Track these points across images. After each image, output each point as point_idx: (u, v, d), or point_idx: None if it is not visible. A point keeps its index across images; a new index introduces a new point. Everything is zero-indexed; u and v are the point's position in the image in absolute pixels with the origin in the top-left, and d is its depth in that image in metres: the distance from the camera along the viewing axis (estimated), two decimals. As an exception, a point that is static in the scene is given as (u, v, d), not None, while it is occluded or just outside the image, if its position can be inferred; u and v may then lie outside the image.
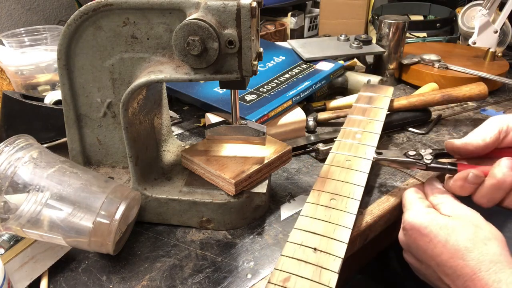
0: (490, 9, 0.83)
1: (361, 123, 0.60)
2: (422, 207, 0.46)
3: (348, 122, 0.60)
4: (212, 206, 0.48)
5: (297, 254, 0.40)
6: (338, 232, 0.42)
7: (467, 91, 0.70)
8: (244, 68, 0.42)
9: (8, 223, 0.41)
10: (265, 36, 1.05)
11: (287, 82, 0.73)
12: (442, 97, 0.70)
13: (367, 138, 0.56)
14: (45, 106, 0.62)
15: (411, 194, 0.49)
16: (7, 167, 0.42)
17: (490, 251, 0.39)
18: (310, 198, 0.47)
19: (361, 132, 0.57)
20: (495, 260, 0.39)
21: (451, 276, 0.41)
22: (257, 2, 0.40)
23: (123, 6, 0.44)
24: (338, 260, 0.39)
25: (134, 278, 0.44)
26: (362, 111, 0.63)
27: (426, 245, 0.43)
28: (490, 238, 0.41)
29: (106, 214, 0.42)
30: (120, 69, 0.48)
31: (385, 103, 0.65)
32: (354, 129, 0.58)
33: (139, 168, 0.49)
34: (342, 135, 0.57)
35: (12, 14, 1.40)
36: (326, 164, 0.52)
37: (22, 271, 0.43)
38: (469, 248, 0.40)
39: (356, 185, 0.48)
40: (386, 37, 0.85)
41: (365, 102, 0.65)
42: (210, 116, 0.68)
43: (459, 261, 0.40)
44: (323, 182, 0.49)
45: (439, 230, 0.42)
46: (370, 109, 0.63)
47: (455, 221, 0.42)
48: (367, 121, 0.60)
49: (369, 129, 0.58)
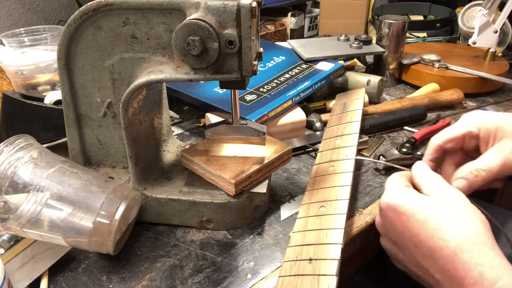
0: (490, 9, 0.83)
1: (339, 130, 0.61)
2: (400, 187, 0.43)
3: (327, 133, 0.61)
4: (212, 206, 0.48)
5: (294, 270, 0.39)
6: (331, 235, 0.42)
7: (448, 96, 0.78)
8: (244, 68, 0.42)
9: (8, 223, 0.41)
10: (265, 36, 1.05)
11: (287, 82, 0.73)
12: (429, 100, 0.77)
13: (347, 140, 0.57)
14: (45, 106, 0.62)
15: (393, 178, 0.47)
16: (7, 167, 0.42)
17: (472, 231, 0.37)
18: (300, 213, 0.47)
19: (340, 138, 0.58)
20: (477, 241, 0.36)
21: (428, 259, 0.38)
22: (257, 2, 0.40)
23: (123, 6, 0.44)
24: (334, 263, 0.38)
25: (134, 278, 0.44)
26: (338, 119, 0.64)
27: (403, 225, 0.40)
28: (473, 219, 0.38)
29: (106, 214, 0.42)
30: (120, 69, 0.48)
31: (359, 104, 0.66)
32: (333, 138, 0.59)
33: (139, 168, 0.49)
34: (323, 147, 0.58)
35: (12, 14, 1.40)
36: (311, 178, 0.53)
37: (22, 271, 0.43)
38: (450, 228, 0.37)
39: (343, 186, 0.48)
40: (386, 37, 0.85)
41: (340, 110, 0.67)
42: (210, 116, 0.68)
43: (438, 242, 0.37)
44: (310, 195, 0.49)
45: (417, 209, 0.39)
46: (345, 114, 0.64)
47: (436, 201, 0.40)
48: (345, 126, 0.61)
49: (347, 132, 0.59)
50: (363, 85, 0.79)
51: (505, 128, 0.47)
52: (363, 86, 0.79)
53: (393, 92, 0.87)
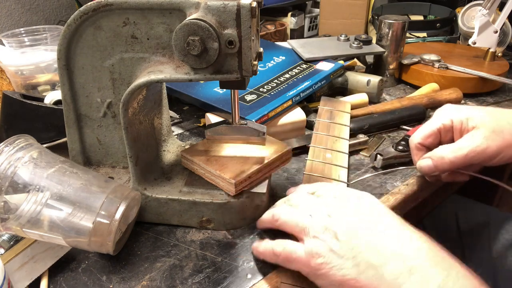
0: (490, 9, 0.83)
1: (328, 141, 0.61)
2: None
3: (315, 140, 0.61)
4: (212, 206, 0.48)
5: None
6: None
7: (447, 95, 0.78)
8: (244, 68, 0.42)
9: (8, 223, 0.41)
10: (265, 36, 1.05)
11: (287, 82, 0.73)
12: (428, 100, 0.77)
13: (338, 158, 0.57)
14: (45, 106, 0.62)
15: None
16: (7, 167, 0.42)
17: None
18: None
19: (330, 152, 0.58)
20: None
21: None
22: (257, 2, 0.40)
23: (123, 6, 0.44)
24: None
25: (134, 278, 0.44)
26: (326, 127, 0.64)
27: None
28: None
29: (106, 214, 0.42)
30: (120, 69, 0.48)
31: (346, 119, 0.67)
32: (323, 148, 0.59)
33: (139, 168, 0.49)
34: (312, 155, 0.58)
35: (12, 14, 1.40)
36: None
37: (22, 271, 0.43)
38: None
39: None
40: (386, 37, 0.85)
41: (327, 117, 0.67)
42: (210, 116, 0.68)
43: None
44: None
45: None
46: (333, 126, 0.64)
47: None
48: (334, 139, 0.61)
49: (337, 148, 0.59)
50: (363, 85, 0.79)
51: (476, 118, 0.50)
52: (363, 86, 0.79)
53: (393, 92, 0.87)
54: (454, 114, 0.52)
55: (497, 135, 0.47)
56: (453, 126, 0.51)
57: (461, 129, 0.51)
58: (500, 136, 0.47)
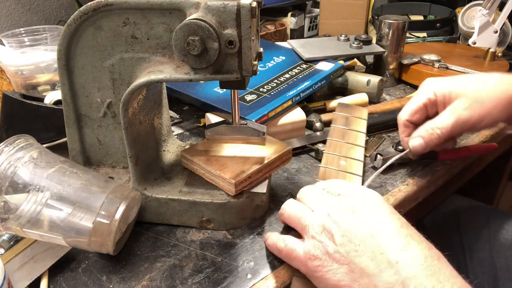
0: (490, 9, 0.83)
1: (343, 148, 0.59)
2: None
3: (330, 146, 0.59)
4: (212, 206, 0.48)
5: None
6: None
7: None
8: (244, 68, 0.42)
9: (8, 223, 0.41)
10: (265, 36, 1.05)
11: (287, 82, 0.73)
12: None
13: (352, 165, 0.56)
14: (45, 106, 0.62)
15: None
16: (7, 167, 0.42)
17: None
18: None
19: (344, 159, 0.57)
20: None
21: None
22: (257, 2, 0.40)
23: (123, 6, 0.44)
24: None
25: (134, 278, 0.44)
26: (342, 134, 0.62)
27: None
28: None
29: (106, 214, 0.42)
30: (120, 69, 0.48)
31: (363, 126, 0.65)
32: (337, 154, 0.58)
33: (139, 168, 0.49)
34: (326, 162, 0.56)
35: (12, 14, 1.40)
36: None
37: (22, 271, 0.43)
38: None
39: None
40: (386, 37, 0.85)
41: (343, 123, 0.65)
42: (210, 116, 0.68)
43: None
44: None
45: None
46: (349, 132, 0.63)
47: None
48: (349, 146, 0.60)
49: (352, 155, 0.58)
50: (363, 85, 0.79)
51: (458, 90, 0.51)
52: (363, 86, 0.79)
53: (393, 92, 0.87)
54: (437, 87, 0.53)
55: (478, 104, 0.50)
56: (437, 99, 0.53)
57: (445, 102, 0.52)
58: (480, 105, 0.50)
